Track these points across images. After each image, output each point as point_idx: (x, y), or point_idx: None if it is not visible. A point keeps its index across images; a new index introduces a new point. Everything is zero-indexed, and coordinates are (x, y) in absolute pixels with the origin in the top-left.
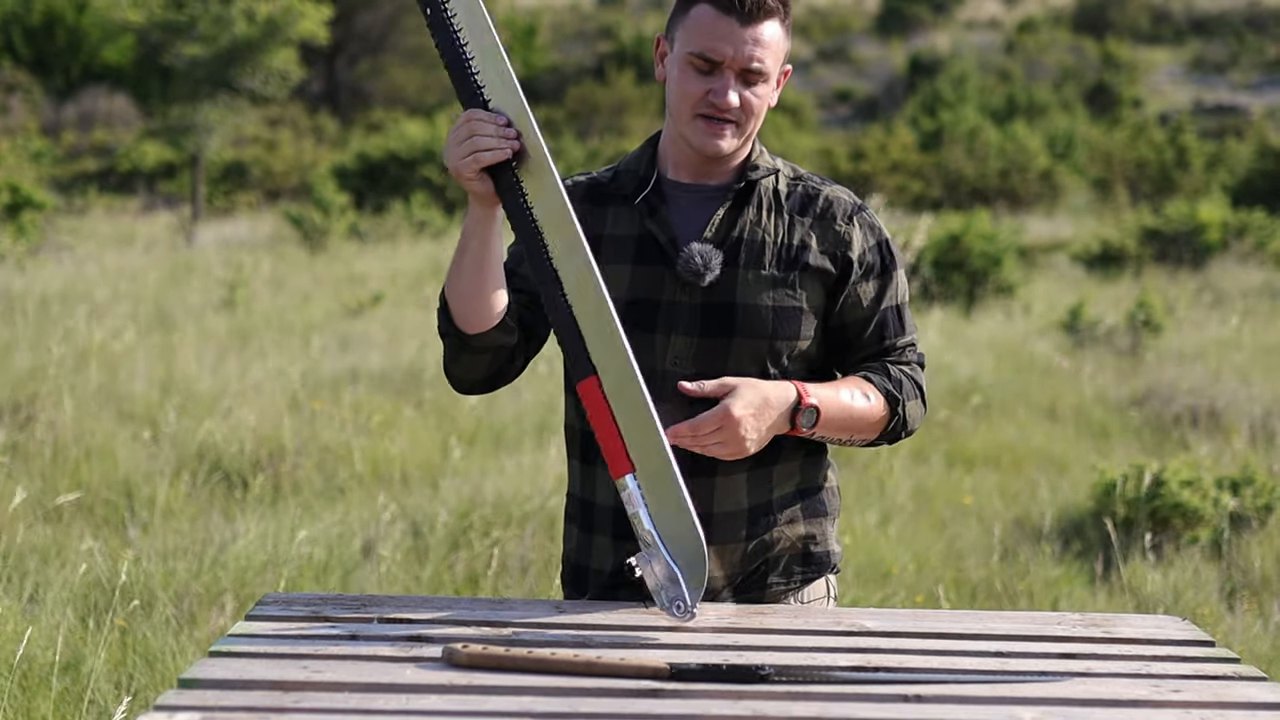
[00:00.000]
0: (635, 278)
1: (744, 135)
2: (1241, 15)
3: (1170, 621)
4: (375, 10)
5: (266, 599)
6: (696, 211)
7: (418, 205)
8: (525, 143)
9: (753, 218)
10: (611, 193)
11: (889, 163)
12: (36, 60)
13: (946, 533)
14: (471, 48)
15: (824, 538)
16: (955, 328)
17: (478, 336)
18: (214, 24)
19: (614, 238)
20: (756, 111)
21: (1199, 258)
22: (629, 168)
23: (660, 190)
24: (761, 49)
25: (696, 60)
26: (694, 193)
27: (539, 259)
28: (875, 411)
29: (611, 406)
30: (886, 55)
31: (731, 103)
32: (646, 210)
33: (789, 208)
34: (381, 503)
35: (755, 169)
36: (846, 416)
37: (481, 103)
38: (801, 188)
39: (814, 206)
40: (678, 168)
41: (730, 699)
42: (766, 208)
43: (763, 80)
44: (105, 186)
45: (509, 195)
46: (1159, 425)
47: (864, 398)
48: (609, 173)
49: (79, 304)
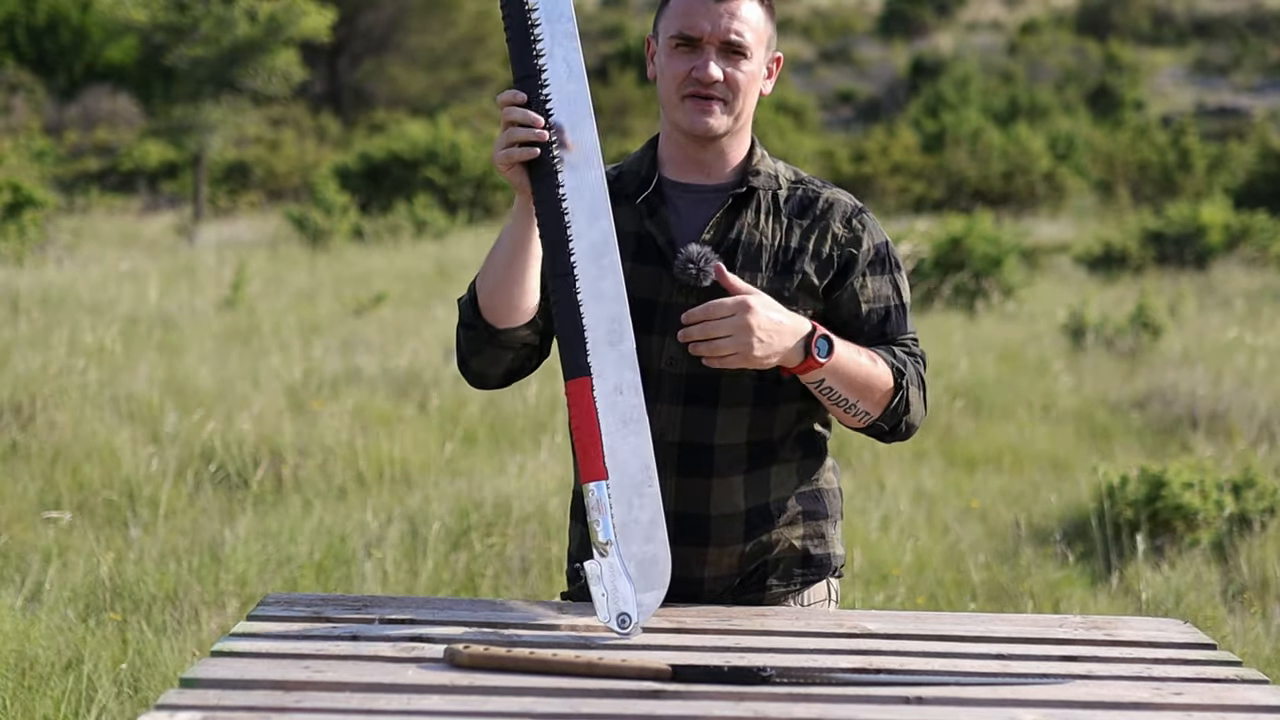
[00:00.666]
0: (633, 277)
1: (733, 114)
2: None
3: (1172, 624)
4: (378, 10)
5: (268, 599)
6: (695, 212)
7: (420, 206)
8: (574, 137)
9: (750, 220)
10: (615, 191)
11: (891, 164)
12: (39, 59)
13: (948, 534)
14: (543, 29)
15: (825, 540)
16: (957, 329)
17: (506, 332)
18: (216, 24)
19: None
20: (743, 88)
21: (1201, 260)
22: (631, 168)
23: (660, 191)
24: (739, 23)
25: (678, 41)
26: (692, 193)
27: (560, 252)
28: (883, 378)
29: (599, 411)
30: (889, 57)
31: (713, 75)
32: (647, 210)
33: (788, 211)
34: (382, 503)
35: (756, 174)
36: (857, 369)
37: (536, 85)
38: (802, 190)
39: (813, 209)
40: (675, 166)
41: (732, 700)
42: (765, 211)
43: (745, 57)
44: (107, 186)
45: (541, 185)
46: (1161, 427)
47: (872, 360)
48: (614, 171)
49: (80, 304)
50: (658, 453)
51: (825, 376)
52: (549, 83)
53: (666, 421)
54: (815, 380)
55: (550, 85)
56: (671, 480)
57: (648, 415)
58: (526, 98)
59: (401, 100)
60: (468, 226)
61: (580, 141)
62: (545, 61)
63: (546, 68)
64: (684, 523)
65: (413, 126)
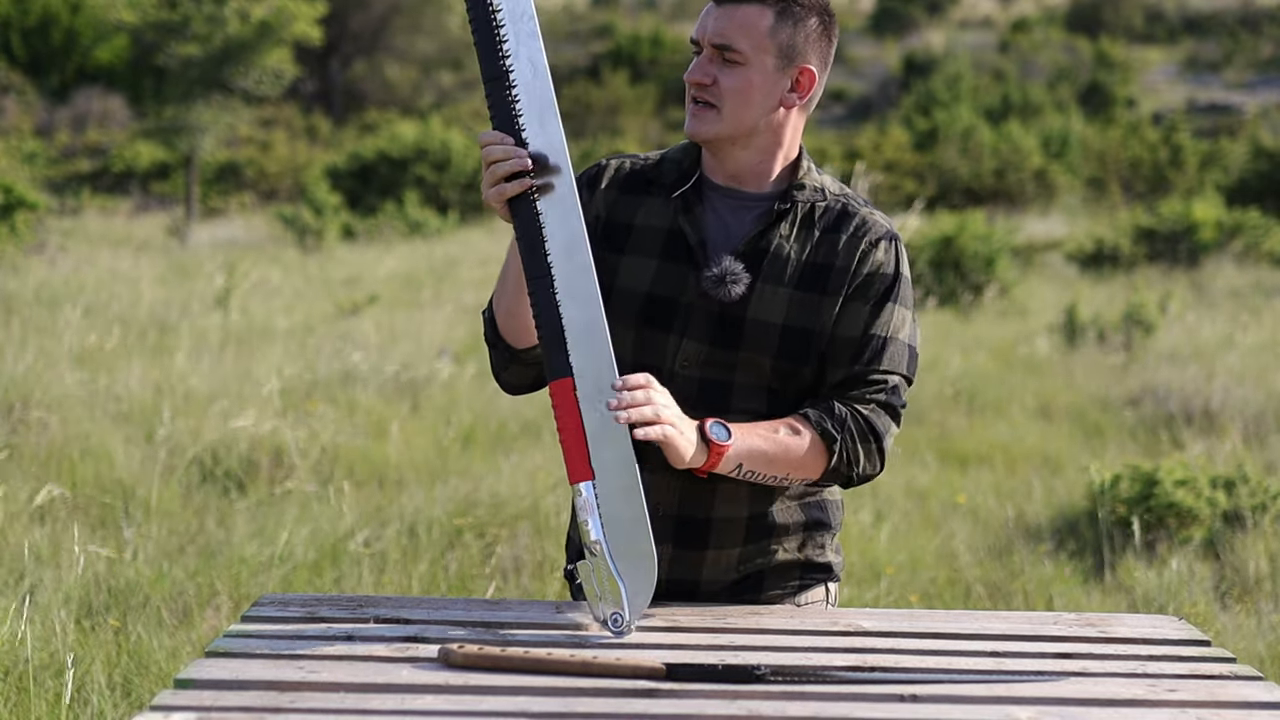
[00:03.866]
0: (659, 273)
1: (726, 120)
2: (1235, 14)
3: (1166, 621)
4: (368, 10)
5: (262, 599)
6: (730, 218)
7: (411, 205)
8: (543, 138)
9: (784, 232)
10: (651, 179)
11: (883, 162)
12: (31, 61)
13: (941, 532)
14: (508, 29)
15: (824, 549)
16: (950, 327)
17: (526, 351)
18: (207, 23)
19: (644, 229)
20: (738, 93)
21: (1193, 257)
22: (674, 157)
23: (699, 189)
24: (731, 26)
25: (691, 45)
26: (730, 198)
27: (536, 254)
28: (808, 447)
29: (583, 411)
30: (881, 54)
31: (696, 77)
32: (682, 206)
33: (821, 225)
34: (377, 503)
35: (801, 188)
36: (770, 445)
37: (504, 86)
38: (841, 206)
39: (847, 225)
40: (711, 170)
41: (726, 699)
42: (797, 223)
43: (738, 63)
44: (99, 187)
45: (518, 199)
46: (1153, 425)
47: (791, 431)
48: (655, 158)
49: (73, 305)
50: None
51: (742, 461)
52: (516, 83)
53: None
54: (731, 468)
55: (518, 85)
56: (676, 482)
57: None
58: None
59: (392, 100)
60: (459, 226)
61: (549, 141)
62: (511, 62)
63: (513, 68)
64: (685, 525)
65: (403, 126)
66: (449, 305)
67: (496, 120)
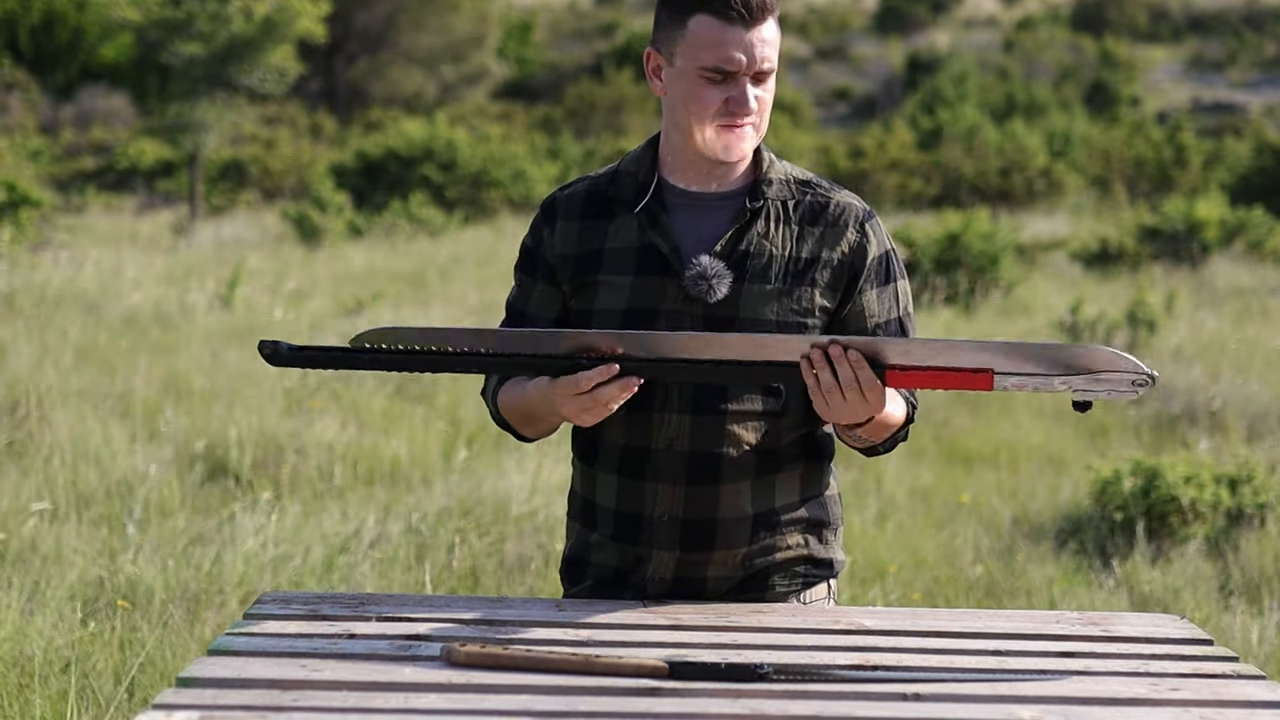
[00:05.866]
0: (636, 289)
1: (760, 133)
2: (1239, 13)
3: (1169, 620)
4: (374, 9)
5: (265, 597)
6: (701, 220)
7: (416, 204)
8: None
9: (760, 230)
10: (611, 197)
11: (888, 161)
12: (36, 58)
13: (944, 531)
14: None
15: (827, 545)
16: (954, 325)
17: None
18: (211, 21)
19: (615, 250)
20: (768, 105)
21: (1197, 256)
22: (628, 169)
23: (661, 197)
24: (769, 47)
25: (710, 74)
26: (698, 201)
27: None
28: (898, 417)
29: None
30: (885, 53)
31: (753, 109)
32: (648, 220)
33: (797, 218)
34: (380, 502)
35: (769, 184)
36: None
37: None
38: (811, 196)
39: (825, 215)
40: (683, 174)
41: (729, 698)
42: (775, 219)
43: (771, 75)
44: (103, 185)
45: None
46: (1157, 423)
47: (894, 400)
48: (608, 173)
49: (77, 303)
50: (667, 461)
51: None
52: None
53: (675, 430)
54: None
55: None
56: (680, 488)
57: (656, 424)
58: (608, 367)
59: (397, 98)
60: (464, 225)
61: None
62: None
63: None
64: (691, 528)
65: (408, 124)
66: (454, 304)
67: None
